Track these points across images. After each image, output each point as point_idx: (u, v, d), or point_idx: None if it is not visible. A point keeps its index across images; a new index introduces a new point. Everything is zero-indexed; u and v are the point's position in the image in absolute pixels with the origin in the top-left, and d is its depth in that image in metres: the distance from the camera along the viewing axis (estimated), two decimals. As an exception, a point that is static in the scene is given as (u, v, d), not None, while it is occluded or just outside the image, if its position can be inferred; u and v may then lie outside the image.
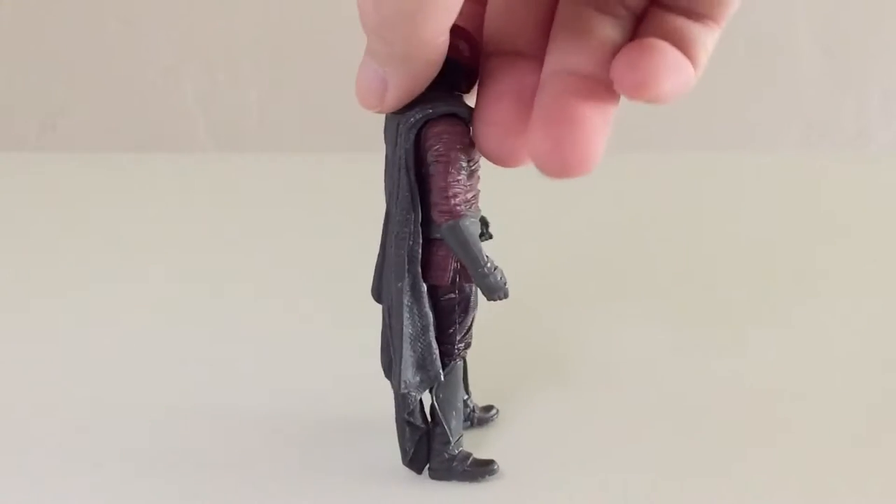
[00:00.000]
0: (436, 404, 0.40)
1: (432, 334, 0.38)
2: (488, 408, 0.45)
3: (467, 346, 0.41)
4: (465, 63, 0.37)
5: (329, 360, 0.52)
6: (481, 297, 0.40)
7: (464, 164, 0.37)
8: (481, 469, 0.40)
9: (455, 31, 0.37)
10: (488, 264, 0.37)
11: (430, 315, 0.38)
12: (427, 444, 0.40)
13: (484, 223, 0.43)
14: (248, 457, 0.42)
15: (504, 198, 0.44)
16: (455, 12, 0.31)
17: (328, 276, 0.69)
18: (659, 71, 0.31)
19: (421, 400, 0.40)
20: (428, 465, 0.40)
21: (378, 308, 0.41)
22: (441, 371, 0.39)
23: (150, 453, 0.42)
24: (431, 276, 0.38)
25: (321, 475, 0.41)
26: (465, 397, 0.44)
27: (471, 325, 0.40)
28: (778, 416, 0.46)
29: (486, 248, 0.44)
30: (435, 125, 0.36)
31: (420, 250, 0.38)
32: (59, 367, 0.52)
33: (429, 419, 0.40)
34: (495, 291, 0.37)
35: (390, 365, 0.40)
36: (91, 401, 0.48)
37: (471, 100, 0.38)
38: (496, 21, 0.37)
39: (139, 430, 0.44)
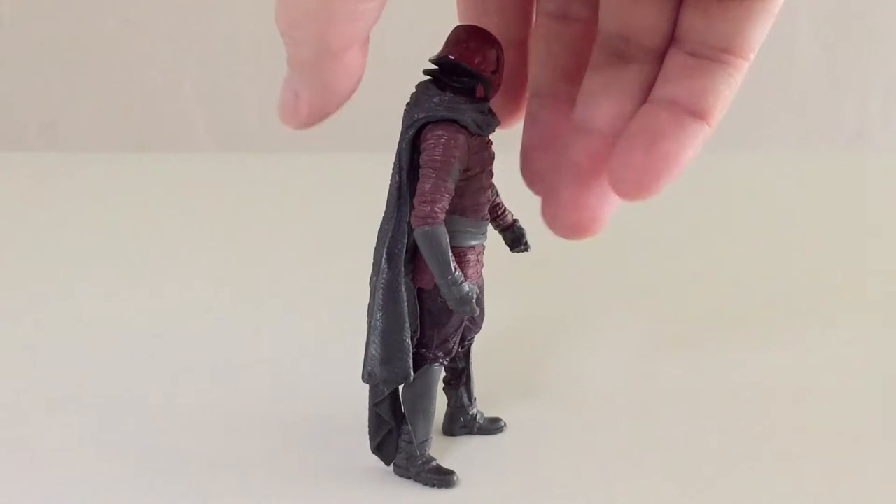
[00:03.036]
0: (402, 403, 0.39)
1: (407, 334, 0.38)
2: (495, 419, 0.45)
3: (447, 353, 0.39)
4: (487, 73, 0.37)
5: (328, 358, 0.52)
6: (486, 318, 0.41)
7: (456, 174, 0.36)
8: (439, 477, 0.39)
9: (484, 37, 0.37)
10: (455, 274, 0.36)
11: (406, 315, 0.38)
12: (396, 439, 0.40)
13: (519, 231, 0.43)
14: (246, 456, 0.42)
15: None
16: (363, 23, 0.31)
17: (327, 275, 0.69)
18: (657, 169, 0.32)
19: (396, 397, 0.40)
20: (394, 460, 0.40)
21: None
22: (411, 372, 0.38)
23: (137, 451, 0.42)
24: (416, 279, 0.38)
25: (301, 471, 0.41)
26: (467, 404, 0.44)
27: (454, 333, 0.39)
28: (781, 423, 0.46)
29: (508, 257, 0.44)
30: (435, 128, 0.36)
31: (403, 250, 0.37)
32: (58, 366, 0.52)
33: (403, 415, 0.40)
34: (461, 304, 0.37)
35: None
36: (86, 398, 0.48)
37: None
38: (537, 65, 0.37)
39: (130, 429, 0.44)
